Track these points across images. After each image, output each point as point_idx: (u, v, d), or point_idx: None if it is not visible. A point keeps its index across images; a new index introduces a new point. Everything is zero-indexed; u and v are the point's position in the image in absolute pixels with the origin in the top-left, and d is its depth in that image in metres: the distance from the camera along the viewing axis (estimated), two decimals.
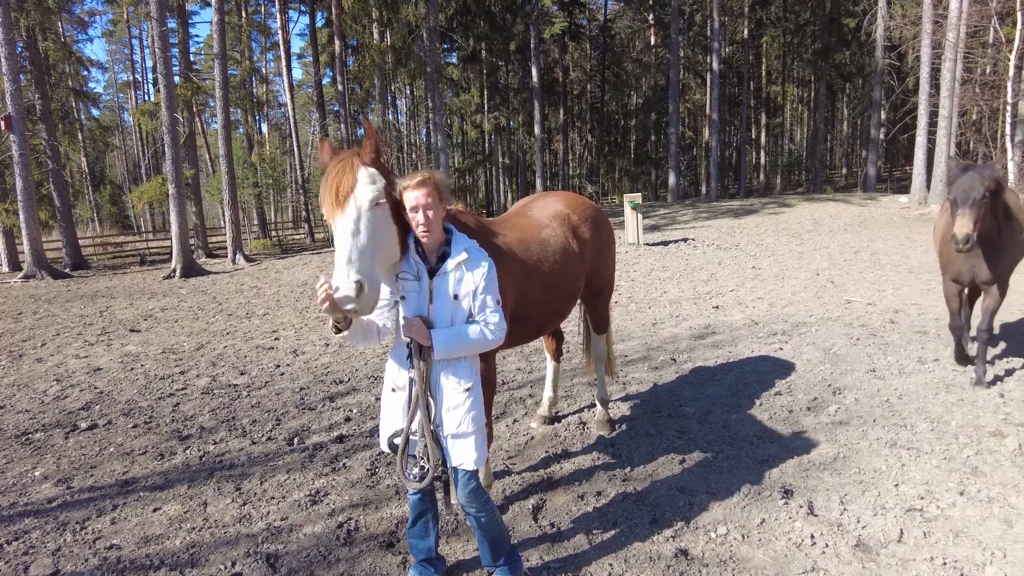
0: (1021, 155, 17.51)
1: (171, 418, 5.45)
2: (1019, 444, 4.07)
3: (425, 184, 2.58)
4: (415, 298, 2.63)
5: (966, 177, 4.64)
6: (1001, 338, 6.59)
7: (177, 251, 17.01)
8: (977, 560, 2.99)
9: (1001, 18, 18.49)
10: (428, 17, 23.12)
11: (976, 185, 4.56)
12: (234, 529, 3.58)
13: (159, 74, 16.90)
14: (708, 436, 4.51)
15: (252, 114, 40.14)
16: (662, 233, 18.95)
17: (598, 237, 4.42)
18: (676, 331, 7.67)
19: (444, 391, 2.67)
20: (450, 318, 2.65)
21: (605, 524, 3.45)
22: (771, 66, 45.15)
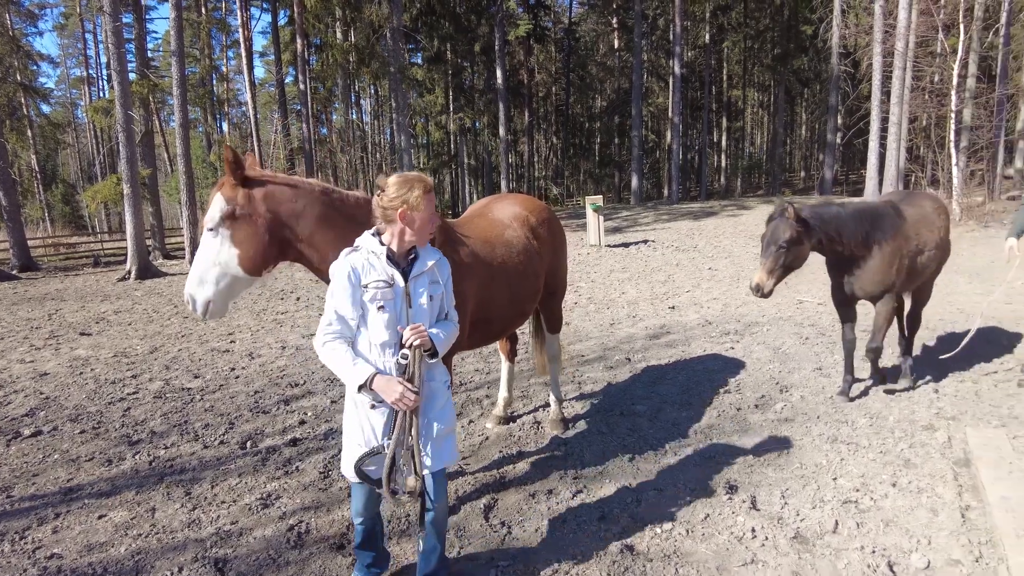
0: (965, 160, 18.21)
1: (121, 423, 5.35)
2: (948, 437, 4.27)
3: (431, 190, 2.63)
4: (393, 305, 2.53)
5: (770, 227, 4.57)
6: (938, 337, 6.85)
7: (132, 252, 16.60)
8: (904, 547, 3.13)
9: (947, 29, 19.20)
10: (391, 17, 23.00)
11: (776, 235, 4.47)
12: (182, 534, 3.54)
13: (113, 71, 16.47)
14: (658, 434, 4.62)
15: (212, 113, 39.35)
16: (623, 235, 19.18)
17: (554, 238, 4.51)
18: (632, 331, 7.80)
19: (434, 392, 2.69)
20: (428, 320, 2.63)
21: (555, 522, 3.51)
22: (732, 71, 46.03)
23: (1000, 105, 19.98)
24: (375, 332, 2.54)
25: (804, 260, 4.62)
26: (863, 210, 4.73)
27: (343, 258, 2.53)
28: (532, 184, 43.86)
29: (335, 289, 2.50)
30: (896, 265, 4.69)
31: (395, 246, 2.54)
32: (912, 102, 20.96)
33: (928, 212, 5.06)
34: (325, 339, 2.50)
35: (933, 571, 2.95)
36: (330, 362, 2.50)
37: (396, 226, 2.51)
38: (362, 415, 2.61)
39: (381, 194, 2.49)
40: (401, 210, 2.47)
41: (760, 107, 51.32)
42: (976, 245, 13.63)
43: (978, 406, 4.82)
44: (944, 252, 5.25)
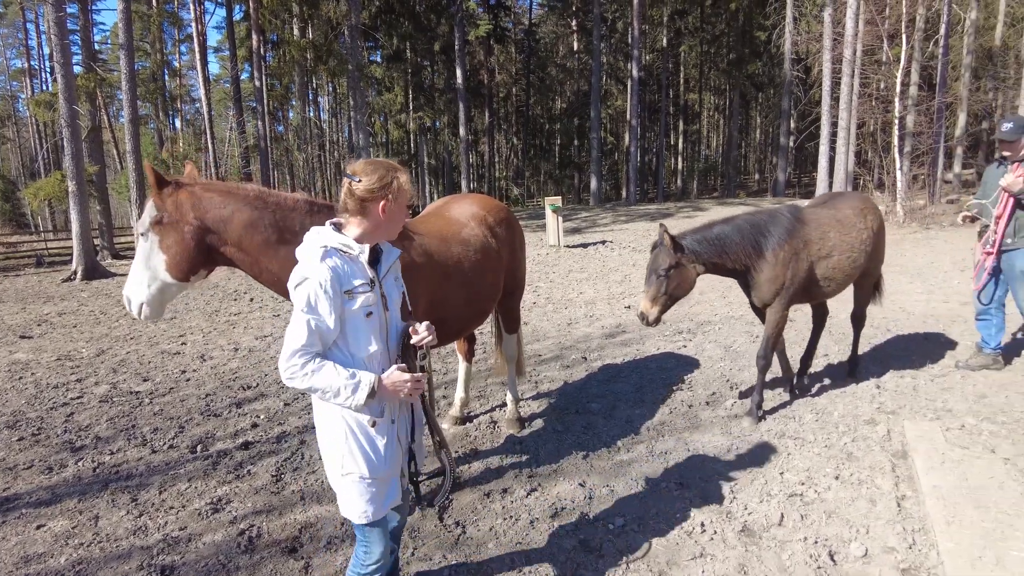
0: (908, 165, 18.93)
1: (63, 429, 5.17)
2: (888, 430, 4.44)
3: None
4: (378, 311, 2.24)
5: (652, 255, 4.55)
6: (881, 335, 7.12)
7: (78, 252, 16.00)
8: (844, 537, 3.26)
9: (891, 39, 19.94)
10: (350, 14, 22.72)
11: (656, 264, 4.47)
12: (127, 542, 3.45)
13: (57, 63, 15.84)
14: (612, 431, 4.69)
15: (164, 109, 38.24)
16: (582, 236, 19.35)
17: (512, 238, 4.53)
18: (589, 330, 7.89)
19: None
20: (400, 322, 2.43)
21: (509, 520, 3.54)
22: (689, 74, 46.90)
23: (939, 112, 20.84)
24: (362, 344, 2.19)
25: (690, 286, 4.55)
26: (752, 222, 4.61)
27: (318, 262, 2.09)
28: (493, 184, 43.90)
29: (313, 300, 2.06)
30: (791, 270, 4.53)
31: (366, 242, 2.23)
32: (860, 108, 21.70)
33: (845, 215, 4.93)
34: (304, 361, 2.07)
35: (870, 559, 3.08)
36: (320, 385, 2.08)
37: (370, 219, 2.19)
38: (364, 441, 2.22)
39: (353, 182, 2.15)
40: (383, 202, 2.17)
41: (716, 111, 52.40)
42: (918, 246, 14.18)
43: (916, 400, 5.03)
44: (874, 253, 5.13)
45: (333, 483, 2.31)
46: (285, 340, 2.09)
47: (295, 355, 2.07)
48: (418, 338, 2.29)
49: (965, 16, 24.12)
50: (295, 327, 2.08)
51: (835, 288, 4.91)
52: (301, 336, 2.07)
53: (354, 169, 2.19)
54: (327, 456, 2.29)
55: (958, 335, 6.84)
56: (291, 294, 2.11)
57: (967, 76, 25.08)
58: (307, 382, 2.08)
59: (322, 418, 2.27)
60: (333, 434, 2.23)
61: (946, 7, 20.66)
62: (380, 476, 2.25)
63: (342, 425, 2.21)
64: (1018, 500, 3.31)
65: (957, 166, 26.80)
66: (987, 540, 2.95)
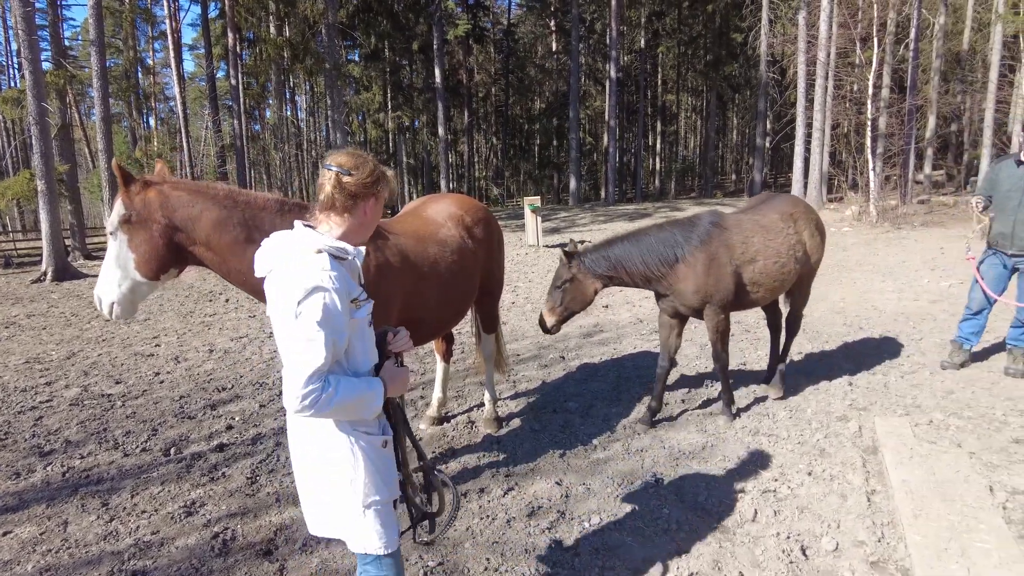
0: (881, 165, 19.28)
1: (31, 433, 5.06)
2: (859, 427, 4.52)
3: None
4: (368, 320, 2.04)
5: (557, 270, 4.62)
6: (853, 332, 7.24)
7: (48, 253, 15.68)
8: (816, 532, 3.31)
9: (863, 42, 20.30)
10: (327, 13, 22.55)
11: (557, 276, 4.56)
12: (97, 548, 3.39)
13: (24, 59, 15.50)
14: (589, 430, 4.72)
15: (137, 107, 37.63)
16: (561, 236, 19.40)
17: (490, 238, 4.54)
18: (567, 330, 7.91)
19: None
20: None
21: (485, 520, 3.54)
22: (667, 76, 47.24)
23: (910, 114, 21.26)
24: (367, 356, 1.99)
25: (588, 299, 4.59)
26: (661, 238, 4.55)
27: (325, 268, 1.81)
28: (472, 184, 43.86)
29: (329, 312, 1.78)
30: (714, 276, 4.46)
31: (348, 243, 1.98)
32: (834, 109, 22.08)
33: (770, 220, 4.79)
34: (323, 384, 1.78)
35: (841, 552, 3.13)
36: (347, 403, 1.84)
37: (356, 217, 1.98)
38: (379, 462, 2.00)
39: (343, 175, 1.92)
40: (372, 199, 1.99)
41: (693, 111, 52.88)
42: (890, 245, 14.45)
43: (886, 397, 5.13)
44: (807, 257, 4.93)
45: (346, 520, 1.99)
46: (293, 364, 1.76)
47: (313, 380, 1.76)
48: (397, 345, 2.12)
49: (934, 21, 24.64)
50: (309, 347, 1.76)
51: (765, 294, 4.77)
52: (318, 356, 1.76)
53: (340, 161, 1.95)
54: (338, 490, 1.97)
55: (928, 332, 6.99)
56: (286, 308, 1.79)
57: (936, 79, 25.63)
58: (333, 407, 1.79)
59: (324, 448, 1.96)
60: (343, 463, 1.95)
61: (916, 12, 21.09)
62: (395, 497, 2.09)
63: (356, 451, 1.95)
64: (982, 493, 3.39)
65: (927, 167, 27.35)
66: (953, 532, 3.02)
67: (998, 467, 3.81)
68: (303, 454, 2.02)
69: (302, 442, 2.01)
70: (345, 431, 1.95)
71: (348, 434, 1.95)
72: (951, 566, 2.79)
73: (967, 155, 29.76)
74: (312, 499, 2.04)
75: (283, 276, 1.84)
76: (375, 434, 2.00)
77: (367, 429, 1.98)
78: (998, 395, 5.03)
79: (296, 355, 1.77)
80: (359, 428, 1.97)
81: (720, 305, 4.56)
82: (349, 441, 1.95)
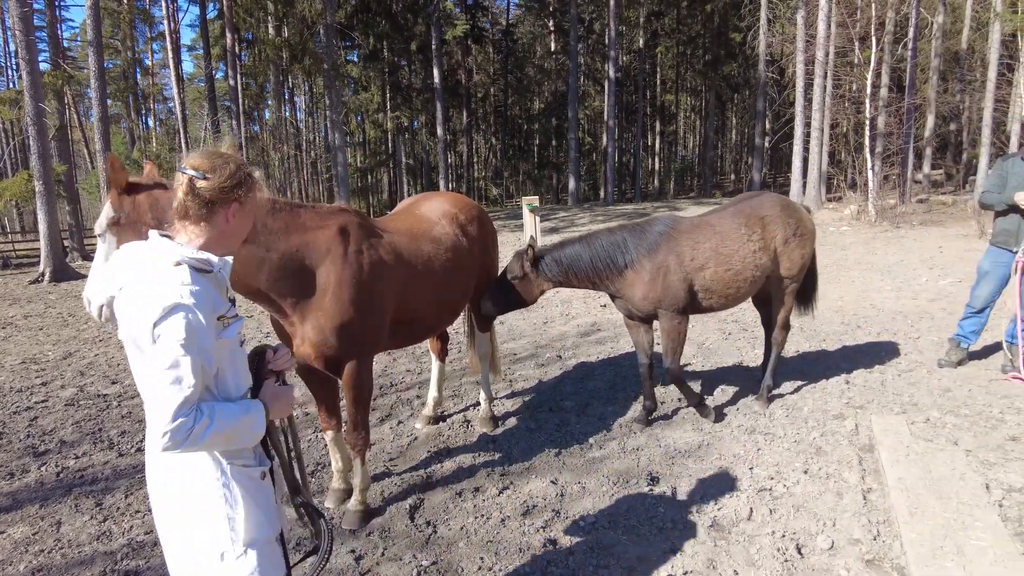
0: (880, 165, 19.26)
1: (26, 433, 5.05)
2: (856, 425, 4.51)
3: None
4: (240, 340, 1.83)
5: (508, 264, 4.56)
6: (851, 331, 7.23)
7: (46, 253, 15.68)
8: (812, 531, 3.30)
9: (861, 41, 20.28)
10: (325, 13, 22.53)
11: (508, 270, 4.48)
12: (90, 548, 3.38)
13: (22, 59, 15.49)
14: (585, 429, 4.70)
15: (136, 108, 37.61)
16: (560, 235, 19.36)
17: (484, 236, 4.53)
18: (564, 329, 7.92)
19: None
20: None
21: (480, 519, 3.52)
22: (666, 75, 47.22)
23: (909, 113, 21.24)
24: (240, 379, 1.79)
25: (531, 298, 4.56)
26: (610, 241, 4.48)
27: (185, 283, 1.60)
28: (471, 184, 43.84)
29: (193, 333, 1.56)
30: (662, 283, 4.39)
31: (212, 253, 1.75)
32: (832, 109, 22.04)
33: (729, 226, 4.60)
34: (195, 416, 1.56)
35: (836, 551, 3.12)
36: (223, 433, 1.62)
37: (216, 226, 1.75)
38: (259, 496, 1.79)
39: (196, 179, 1.71)
40: (234, 204, 1.77)
41: (692, 111, 52.85)
42: (889, 244, 14.44)
43: (883, 395, 5.11)
44: (774, 264, 4.71)
45: (224, 565, 1.72)
46: (156, 397, 1.54)
47: (182, 412, 1.53)
48: (277, 364, 1.92)
49: (933, 20, 24.60)
50: (173, 373, 1.53)
51: (720, 300, 4.62)
52: (186, 383, 1.54)
53: (195, 163, 1.73)
54: (211, 531, 1.72)
55: (925, 331, 6.97)
56: (141, 331, 1.56)
57: (935, 78, 25.60)
58: (208, 439, 1.58)
59: (191, 484, 1.71)
60: (217, 500, 1.71)
61: (914, 11, 21.06)
62: (278, 533, 1.88)
63: (231, 485, 1.72)
64: (978, 491, 3.38)
65: (926, 166, 27.32)
66: (948, 530, 3.01)
67: (994, 465, 3.80)
68: (164, 493, 1.75)
69: (163, 477, 1.75)
70: (216, 464, 1.71)
71: (219, 467, 1.71)
72: (947, 564, 2.77)
73: (966, 154, 29.74)
74: (177, 543, 1.76)
75: (136, 294, 1.59)
76: (253, 466, 1.78)
77: (243, 461, 1.75)
78: (995, 393, 5.01)
79: (158, 386, 1.54)
80: (234, 460, 1.73)
81: (673, 310, 4.47)
82: (221, 475, 1.71)
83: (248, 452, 1.78)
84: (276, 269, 3.06)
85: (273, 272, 3.06)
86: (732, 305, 4.79)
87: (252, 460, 1.79)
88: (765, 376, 5.12)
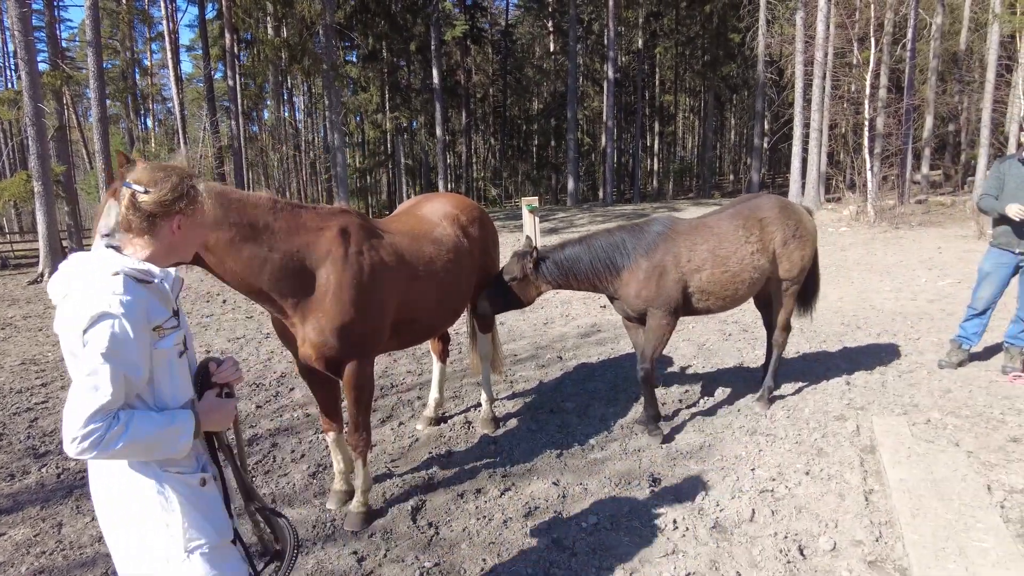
0: (879, 166, 19.28)
1: (26, 435, 5.04)
2: (857, 426, 4.51)
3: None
4: (187, 346, 1.89)
5: (507, 264, 4.51)
6: (851, 332, 7.23)
7: (45, 253, 15.65)
8: (814, 532, 3.30)
9: (860, 42, 20.31)
10: (324, 13, 22.53)
11: (507, 271, 4.45)
12: (92, 549, 3.37)
13: (21, 60, 15.45)
14: (586, 430, 4.70)
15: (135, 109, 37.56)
16: (560, 236, 19.39)
17: (485, 237, 4.53)
18: (565, 330, 7.92)
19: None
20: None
21: (482, 520, 3.52)
22: (664, 76, 47.24)
23: (908, 114, 21.26)
24: (178, 390, 1.80)
25: (529, 299, 4.53)
26: (609, 242, 4.47)
27: (116, 293, 1.62)
28: (471, 185, 43.82)
29: (118, 342, 1.59)
30: (656, 283, 4.37)
31: (158, 266, 1.79)
32: (831, 109, 22.05)
33: (727, 228, 4.59)
34: (109, 423, 1.56)
35: (838, 552, 3.12)
36: (139, 441, 1.61)
37: (161, 239, 1.78)
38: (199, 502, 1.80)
39: (138, 193, 1.73)
40: (178, 217, 1.78)
41: (691, 112, 52.90)
42: (888, 245, 14.45)
43: (884, 396, 5.12)
44: (773, 265, 4.70)
45: (167, 569, 1.74)
46: (74, 400, 1.55)
47: (96, 419, 1.54)
48: (222, 376, 1.93)
49: (931, 21, 24.62)
50: (92, 381, 1.56)
51: (717, 302, 4.60)
52: (103, 392, 1.56)
53: (137, 177, 1.75)
54: (151, 535, 1.73)
55: (925, 332, 6.98)
56: (74, 338, 1.60)
57: (933, 79, 25.61)
58: (121, 446, 1.57)
59: (127, 490, 1.73)
60: (153, 506, 1.73)
61: (913, 12, 21.09)
62: (229, 538, 1.88)
63: (167, 492, 1.74)
64: (980, 492, 3.38)
65: (925, 167, 27.35)
66: (950, 531, 3.01)
67: (996, 466, 3.80)
68: (104, 499, 1.76)
69: (104, 483, 1.76)
70: (150, 471, 1.73)
71: (153, 474, 1.73)
72: (949, 565, 2.78)
73: (964, 155, 29.79)
74: (121, 548, 1.77)
75: (72, 303, 1.63)
76: (189, 472, 1.79)
77: (178, 468, 1.76)
78: (995, 394, 5.02)
79: (76, 391, 1.57)
80: (167, 468, 1.75)
81: (663, 310, 4.42)
82: (155, 482, 1.73)
83: (185, 460, 1.79)
84: (277, 269, 3.06)
85: (274, 272, 3.06)
86: (731, 307, 4.77)
87: (189, 468, 1.80)
88: (766, 377, 5.13)
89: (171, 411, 1.74)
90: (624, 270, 4.42)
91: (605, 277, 4.47)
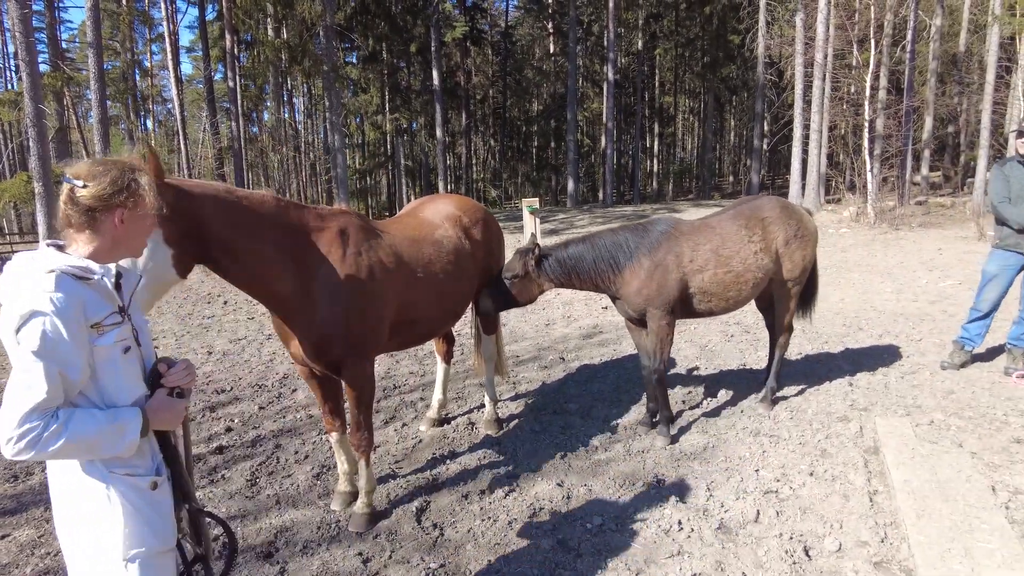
0: (879, 167, 19.30)
1: None
2: (860, 427, 4.52)
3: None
4: (135, 344, 1.82)
5: (509, 261, 4.47)
6: (852, 333, 7.24)
7: None
8: (819, 533, 3.30)
9: (860, 44, 20.34)
10: (325, 15, 22.53)
11: (508, 268, 4.42)
12: None
13: (22, 61, 15.44)
14: (590, 431, 4.71)
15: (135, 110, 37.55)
16: (560, 237, 19.36)
17: (489, 238, 4.53)
18: (567, 331, 7.92)
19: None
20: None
21: (487, 521, 3.53)
22: (664, 77, 47.28)
23: (907, 116, 21.28)
24: (124, 388, 1.76)
25: (531, 297, 4.50)
26: (613, 241, 4.47)
27: (48, 291, 1.59)
28: (470, 186, 43.81)
29: (50, 341, 1.57)
30: (657, 282, 4.36)
31: (103, 262, 1.77)
32: (831, 111, 22.07)
33: (730, 229, 4.59)
34: (45, 422, 1.55)
35: (844, 553, 3.12)
36: (78, 441, 1.59)
37: (103, 234, 1.74)
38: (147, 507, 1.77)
39: (76, 187, 1.70)
40: (119, 210, 1.74)
41: (691, 113, 52.94)
42: (888, 247, 14.46)
43: (887, 397, 5.12)
44: (776, 266, 4.70)
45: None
46: (8, 399, 1.54)
47: (30, 418, 1.53)
48: (172, 380, 1.87)
49: (931, 22, 24.66)
50: (26, 379, 1.55)
51: (720, 302, 4.59)
52: (38, 390, 1.54)
53: (76, 172, 1.72)
54: (95, 539, 1.72)
55: (927, 333, 6.98)
56: (10, 337, 1.58)
57: (933, 81, 25.66)
58: (59, 445, 1.56)
59: (75, 491, 1.72)
60: (98, 509, 1.71)
61: (913, 13, 21.13)
62: (171, 545, 1.85)
63: (112, 495, 1.71)
64: (985, 493, 3.39)
65: (925, 168, 27.38)
66: (955, 532, 3.02)
67: (1000, 467, 3.81)
68: (56, 497, 1.75)
69: (57, 480, 1.75)
70: (98, 472, 1.70)
71: (100, 476, 1.70)
72: (954, 566, 2.78)
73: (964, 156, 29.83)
74: (68, 547, 1.76)
75: (6, 303, 1.61)
76: (140, 475, 1.75)
77: (128, 470, 1.73)
78: (998, 395, 5.03)
79: (10, 390, 1.55)
80: (115, 469, 1.71)
81: (662, 309, 4.41)
82: (102, 482, 1.70)
83: (136, 460, 1.76)
84: (276, 268, 3.07)
85: (274, 271, 3.06)
86: (733, 308, 4.76)
87: (140, 469, 1.76)
88: (769, 378, 5.13)
89: (115, 409, 1.70)
90: (626, 268, 4.42)
91: (607, 275, 4.46)
